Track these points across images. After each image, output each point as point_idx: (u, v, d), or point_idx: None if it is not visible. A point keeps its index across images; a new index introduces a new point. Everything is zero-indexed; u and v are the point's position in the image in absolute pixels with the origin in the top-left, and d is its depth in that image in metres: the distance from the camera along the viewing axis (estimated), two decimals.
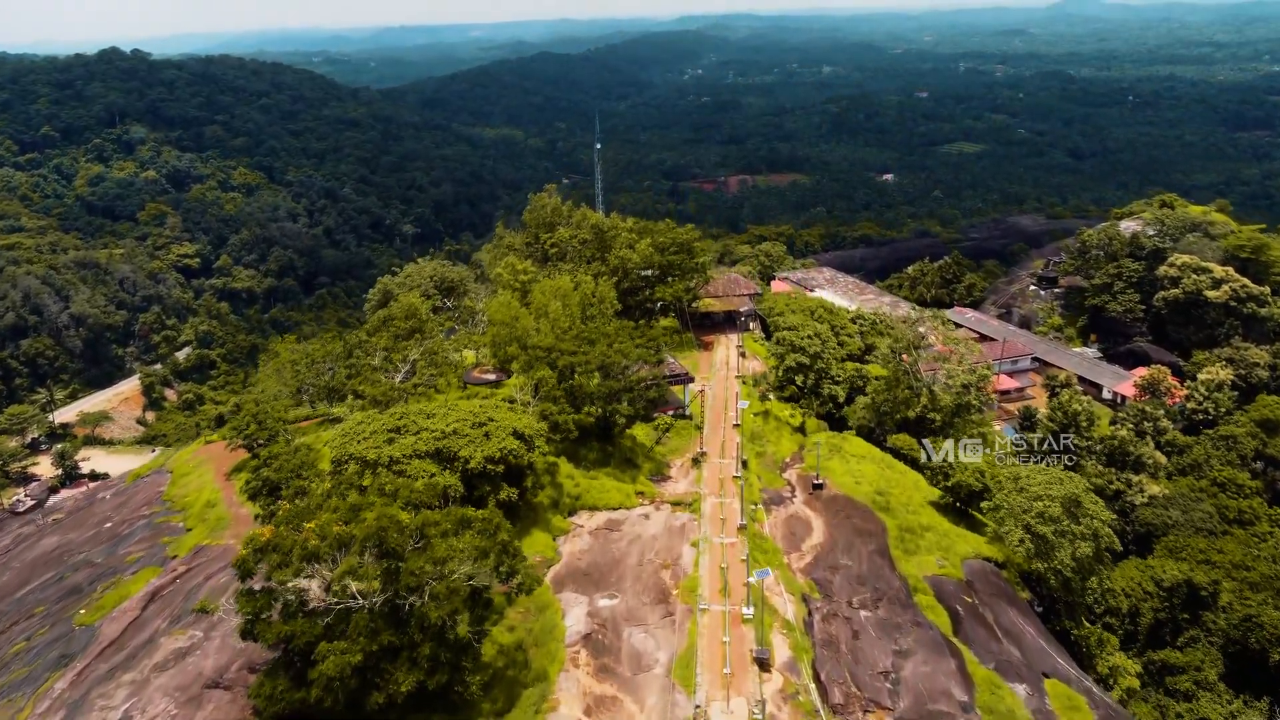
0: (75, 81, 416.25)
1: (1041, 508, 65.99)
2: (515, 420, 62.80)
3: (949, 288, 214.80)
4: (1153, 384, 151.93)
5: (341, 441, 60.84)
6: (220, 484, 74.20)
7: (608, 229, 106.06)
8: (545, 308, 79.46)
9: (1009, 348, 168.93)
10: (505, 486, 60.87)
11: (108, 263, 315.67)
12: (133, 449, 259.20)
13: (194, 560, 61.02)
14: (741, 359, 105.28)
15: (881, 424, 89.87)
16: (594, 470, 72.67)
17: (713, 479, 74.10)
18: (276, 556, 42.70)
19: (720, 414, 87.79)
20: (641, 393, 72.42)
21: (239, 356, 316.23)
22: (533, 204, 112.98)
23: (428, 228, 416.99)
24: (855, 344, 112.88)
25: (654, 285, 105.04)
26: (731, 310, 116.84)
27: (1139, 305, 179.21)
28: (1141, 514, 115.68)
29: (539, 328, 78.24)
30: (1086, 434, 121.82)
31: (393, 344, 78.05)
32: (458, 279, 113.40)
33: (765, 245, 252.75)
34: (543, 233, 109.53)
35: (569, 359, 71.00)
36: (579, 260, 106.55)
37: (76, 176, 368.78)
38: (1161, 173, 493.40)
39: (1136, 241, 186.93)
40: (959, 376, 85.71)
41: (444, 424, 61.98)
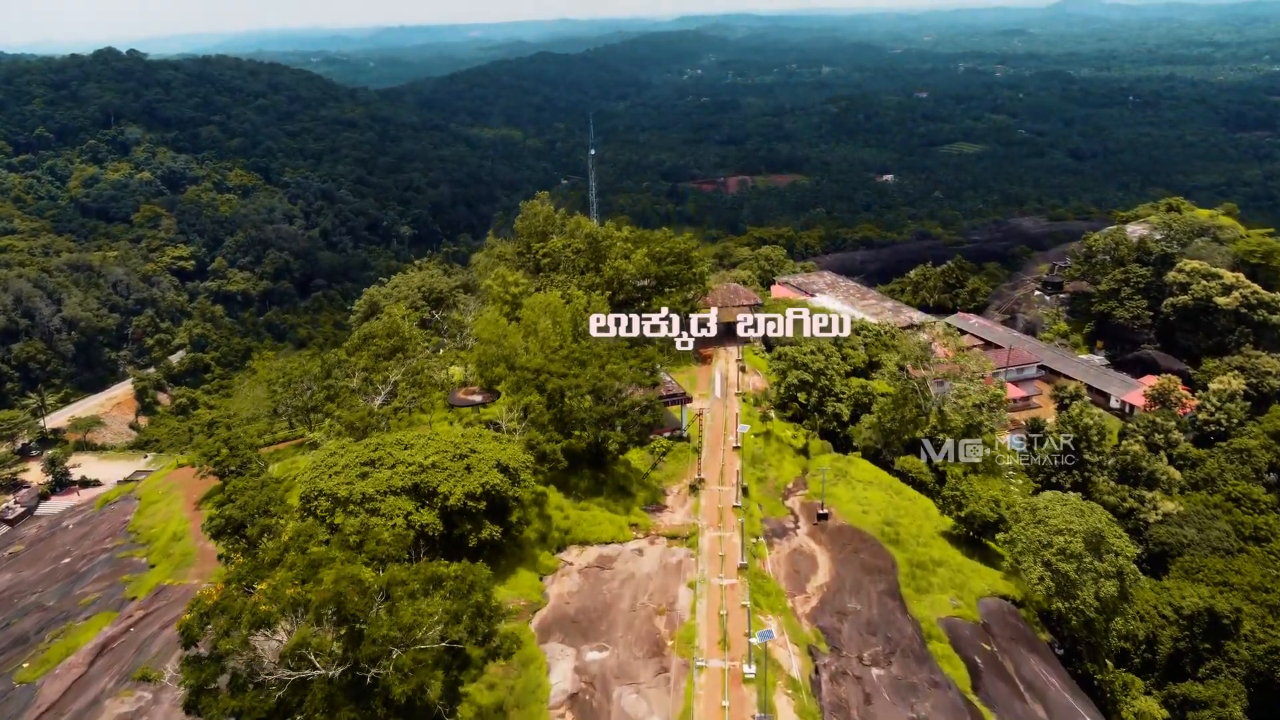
0: (70, 82, 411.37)
1: (1063, 543, 61.41)
2: (499, 451, 58.12)
3: (952, 292, 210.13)
4: (1163, 394, 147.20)
5: (311, 476, 56.20)
6: (189, 514, 69.58)
7: (602, 238, 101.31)
8: (535, 325, 74.79)
9: (1015, 355, 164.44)
10: (488, 524, 56.24)
11: (101, 265, 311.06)
12: (125, 454, 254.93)
13: (152, 604, 56.36)
14: (741, 374, 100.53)
15: (889, 444, 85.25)
16: (585, 500, 68.03)
17: (711, 508, 69.42)
18: (224, 621, 38.08)
19: (720, 435, 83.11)
20: (636, 417, 67.75)
21: (233, 360, 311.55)
22: (525, 211, 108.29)
23: (425, 229, 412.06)
24: (860, 357, 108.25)
25: (650, 297, 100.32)
26: (731, 321, 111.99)
27: (1147, 312, 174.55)
28: (1155, 532, 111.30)
29: (527, 346, 73.61)
30: (1097, 448, 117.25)
31: (373, 364, 73.40)
32: (447, 290, 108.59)
33: (765, 249, 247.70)
34: (535, 242, 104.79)
35: (558, 382, 66.32)
36: (572, 271, 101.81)
37: (71, 178, 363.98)
38: (1162, 173, 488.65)
39: (1144, 246, 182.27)
40: (970, 395, 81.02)
41: (422, 456, 57.31)
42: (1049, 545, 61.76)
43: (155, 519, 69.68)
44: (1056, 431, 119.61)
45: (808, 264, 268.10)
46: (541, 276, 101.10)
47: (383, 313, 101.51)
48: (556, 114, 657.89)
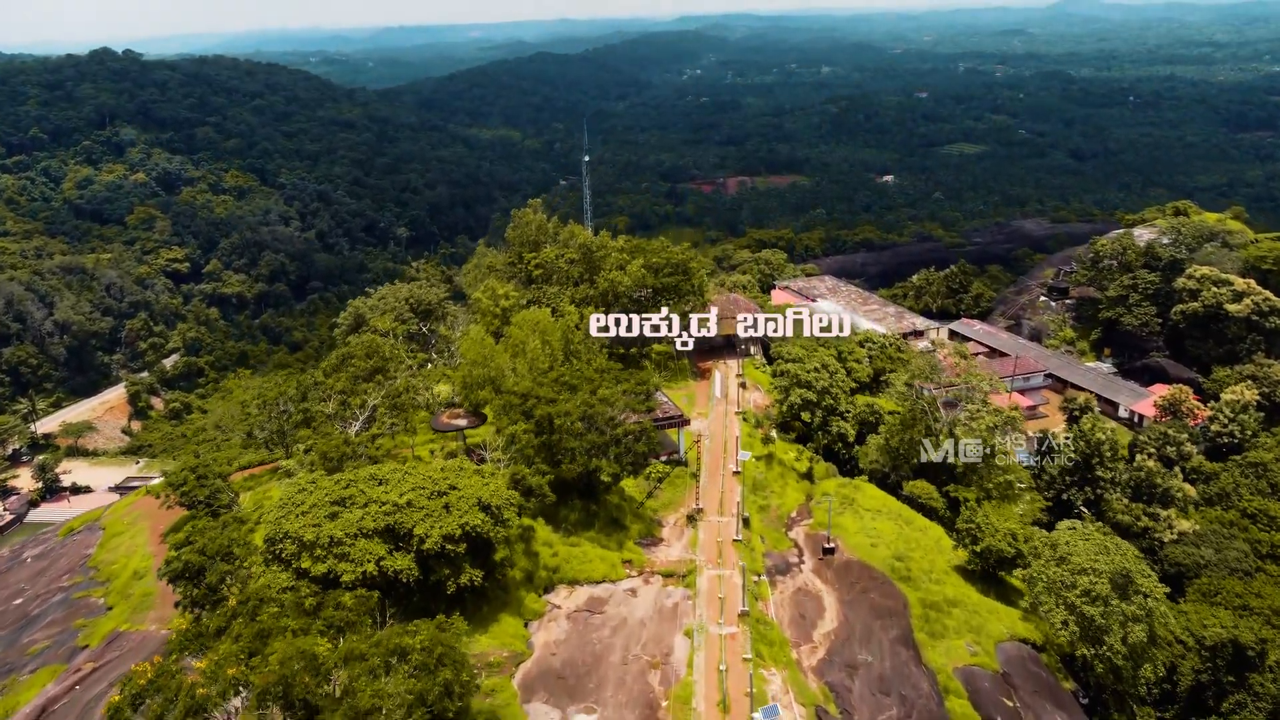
0: (65, 82, 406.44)
1: (1087, 584, 56.76)
2: (481, 488, 53.45)
3: (955, 297, 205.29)
4: (1174, 404, 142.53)
5: (277, 516, 51.58)
6: (153, 548, 64.90)
7: (596, 248, 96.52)
8: (523, 345, 70.11)
9: (1021, 364, 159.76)
10: (468, 568, 51.55)
11: (94, 268, 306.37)
12: (116, 460, 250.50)
13: (104, 654, 51.68)
14: (742, 390, 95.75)
15: (897, 468, 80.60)
16: (575, 534, 63.33)
17: (710, 542, 64.73)
18: (158, 703, 33.50)
19: (719, 459, 78.36)
20: (629, 445, 63.03)
21: (228, 364, 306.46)
22: (516, 220, 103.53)
23: (423, 230, 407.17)
24: (864, 371, 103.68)
25: (646, 309, 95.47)
26: (731, 334, 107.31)
27: (1155, 319, 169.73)
28: (1171, 553, 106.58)
29: (515, 368, 68.92)
30: (1110, 464, 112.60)
31: (351, 387, 68.79)
32: (435, 301, 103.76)
33: (765, 252, 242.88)
34: (526, 252, 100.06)
35: (546, 408, 61.60)
36: (565, 282, 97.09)
37: (65, 179, 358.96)
38: (1164, 174, 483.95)
39: (1152, 251, 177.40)
40: (984, 418, 76.31)
41: (397, 494, 52.62)
42: (1072, 586, 57.15)
43: (118, 553, 65.04)
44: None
45: (808, 266, 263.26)
46: (533, 288, 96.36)
47: (368, 324, 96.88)
48: (556, 114, 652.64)
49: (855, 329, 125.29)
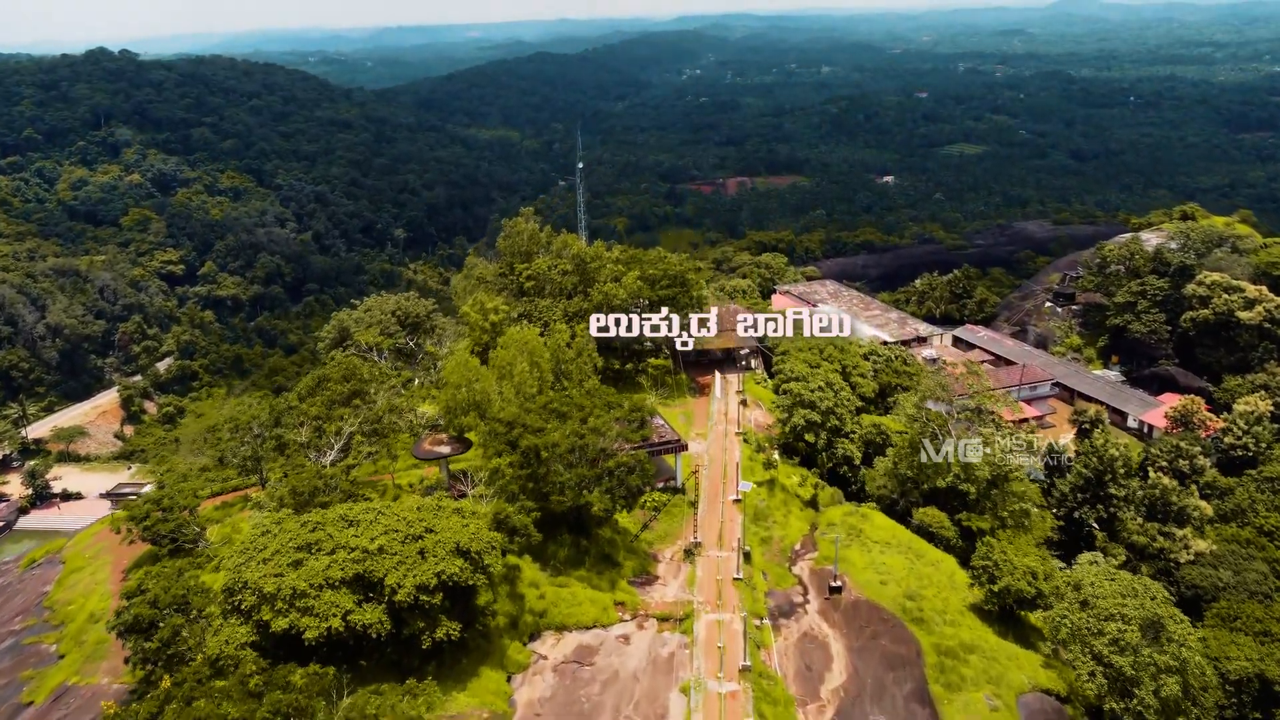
0: (60, 83, 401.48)
1: (1116, 632, 52.23)
2: (459, 531, 48.89)
3: (959, 302, 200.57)
4: (1185, 416, 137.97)
5: (237, 562, 47.06)
6: (114, 585, 60.33)
7: (590, 259, 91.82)
8: (510, 367, 65.51)
9: (1029, 372, 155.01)
10: (444, 620, 47.02)
11: (88, 270, 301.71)
12: (108, 466, 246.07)
13: (50, 712, 47.10)
14: (743, 407, 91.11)
15: (905, 494, 76.04)
16: (564, 572, 58.75)
17: (709, 580, 60.15)
18: None
19: (718, 485, 73.80)
20: (622, 477, 58.46)
21: (222, 367, 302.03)
22: (507, 230, 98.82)
23: (420, 232, 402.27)
24: (869, 386, 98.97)
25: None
26: (731, 348, 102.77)
27: (1165, 326, 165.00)
28: (1187, 574, 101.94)
29: (501, 391, 64.32)
30: (1123, 482, 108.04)
31: (326, 412, 64.22)
32: (424, 313, 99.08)
33: (765, 256, 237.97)
34: (518, 263, 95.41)
35: (533, 439, 57.00)
36: (558, 295, 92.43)
37: (59, 180, 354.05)
38: (1165, 175, 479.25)
39: (1160, 256, 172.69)
40: (998, 443, 71.71)
41: (368, 538, 48.06)
42: (1099, 634, 52.64)
43: (76, 591, 60.52)
44: (1079, 461, 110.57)
45: (809, 269, 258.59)
46: (525, 301, 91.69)
47: (353, 338, 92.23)
48: (555, 114, 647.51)
49: (858, 337, 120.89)
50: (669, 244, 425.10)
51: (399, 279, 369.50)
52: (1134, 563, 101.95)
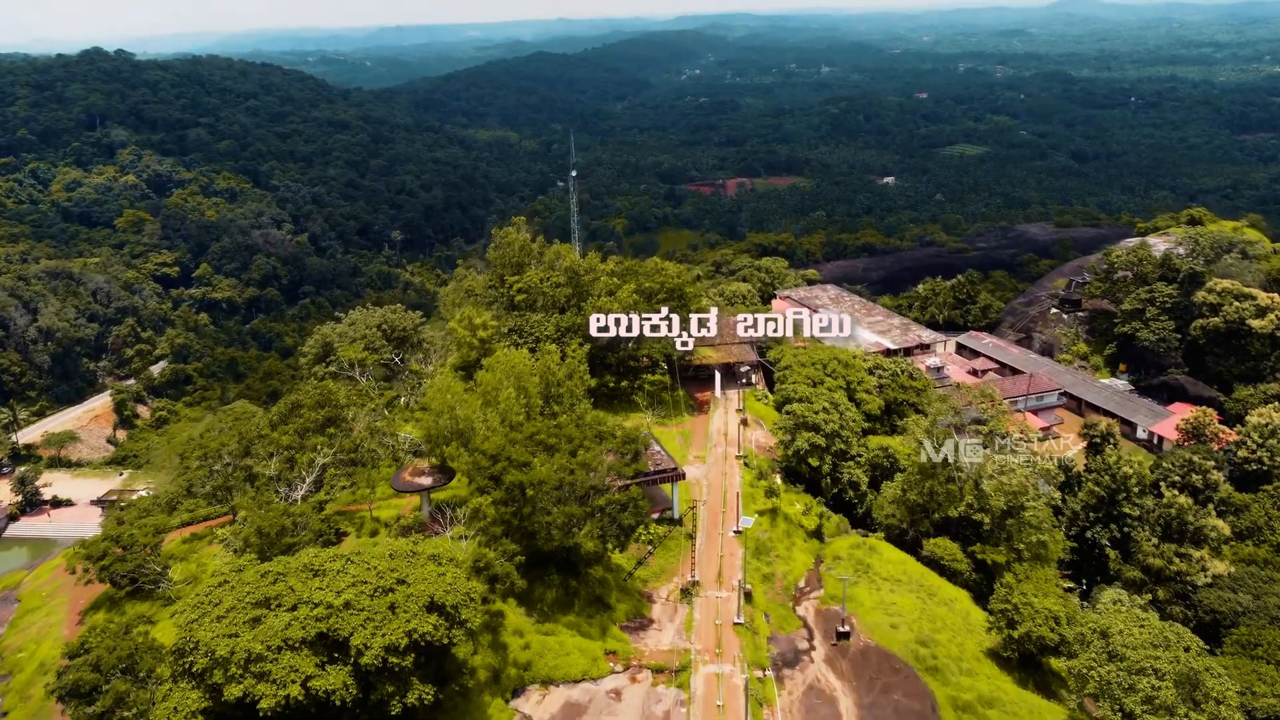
0: (55, 83, 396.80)
1: (1149, 689, 47.82)
2: (434, 583, 44.40)
3: (962, 308, 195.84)
4: (1197, 428, 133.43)
5: (189, 619, 42.59)
6: (69, 630, 55.87)
7: (584, 271, 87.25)
8: (496, 392, 61.02)
9: (1036, 382, 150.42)
10: (416, 684, 42.55)
11: (81, 272, 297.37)
12: (100, 471, 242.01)
13: None
14: (743, 426, 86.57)
15: (915, 523, 71.58)
16: (552, 618, 54.25)
17: (707, 625, 55.68)
18: None
19: (717, 515, 69.31)
20: (614, 514, 54.00)
21: (217, 371, 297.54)
22: (497, 240, 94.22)
23: (417, 233, 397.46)
24: (875, 403, 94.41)
25: (639, 339, 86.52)
26: (731, 362, 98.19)
27: (1174, 334, 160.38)
28: (1205, 598, 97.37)
29: (486, 419, 59.81)
30: (1138, 501, 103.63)
31: (298, 442, 59.74)
32: (411, 327, 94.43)
33: (765, 260, 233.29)
34: (509, 274, 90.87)
35: (518, 475, 52.52)
36: (551, 308, 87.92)
37: (53, 182, 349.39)
38: (1167, 176, 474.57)
39: (1169, 262, 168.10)
40: (1016, 472, 67.16)
41: (333, 591, 43.55)
42: (1131, 689, 48.24)
43: (28, 635, 56.06)
44: (1091, 479, 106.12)
45: (809, 272, 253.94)
46: (515, 315, 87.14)
47: (336, 354, 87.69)
48: (554, 114, 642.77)
49: (862, 349, 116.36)
50: (668, 245, 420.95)
51: (396, 281, 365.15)
52: (1150, 586, 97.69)
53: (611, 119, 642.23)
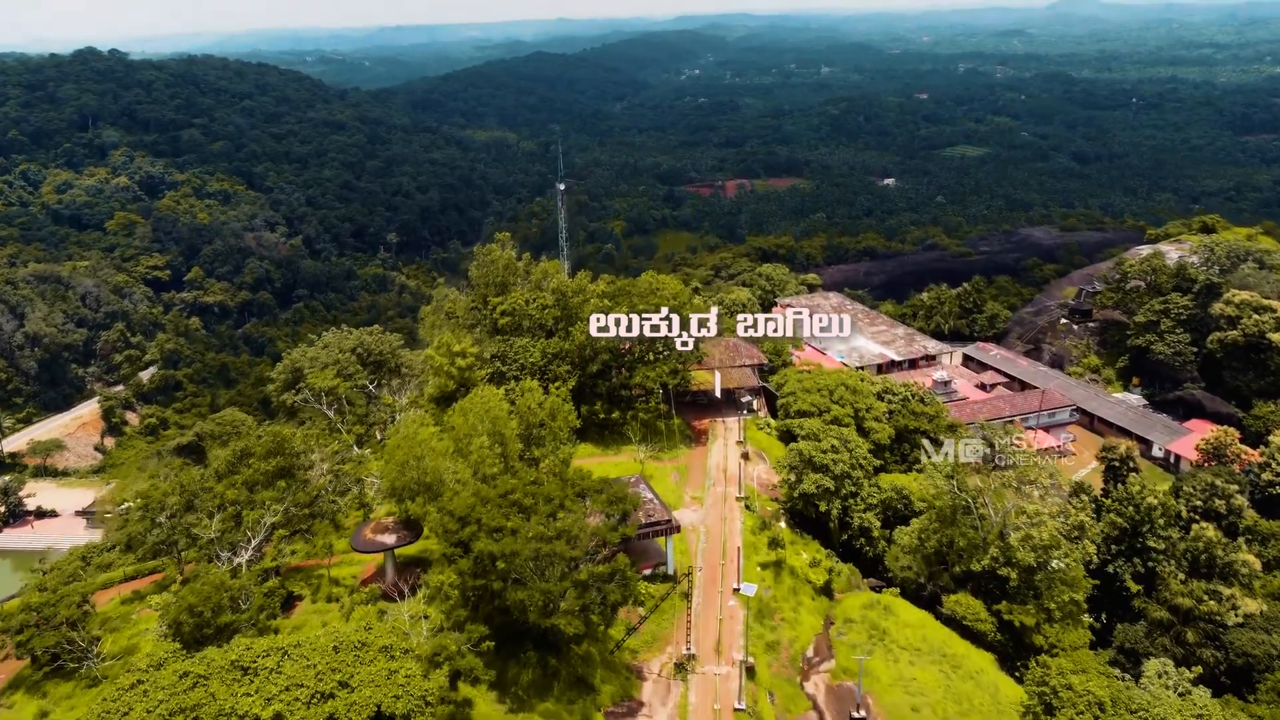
0: (47, 83, 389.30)
1: None
2: (382, 685, 37.38)
3: (968, 317, 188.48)
4: (1218, 449, 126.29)
5: None
6: None
7: (572, 293, 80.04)
8: (469, 440, 53.90)
9: (1049, 398, 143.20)
10: None
11: (70, 276, 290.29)
12: (86, 481, 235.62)
13: None
14: (744, 461, 79.41)
15: (933, 576, 64.51)
16: (527, 705, 47.07)
17: (704, 708, 48.60)
18: None
19: (716, 567, 62.16)
20: (598, 586, 46.92)
21: (208, 376, 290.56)
22: (479, 258, 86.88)
23: (413, 235, 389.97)
24: (885, 432, 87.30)
25: (632, 366, 79.39)
26: (732, 388, 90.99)
27: (1190, 347, 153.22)
28: (1236, 639, 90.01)
29: (456, 471, 52.74)
30: (1163, 533, 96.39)
31: (247, 496, 52.60)
32: (388, 350, 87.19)
33: (766, 267, 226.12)
34: (492, 295, 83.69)
35: (489, 544, 45.44)
36: (537, 332, 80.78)
37: (44, 184, 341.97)
38: (1169, 178, 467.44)
39: (1184, 272, 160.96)
40: (1046, 525, 60.03)
41: (262, 699, 36.47)
42: None
43: None
44: (1112, 509, 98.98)
45: (810, 276, 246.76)
46: (499, 340, 79.98)
47: (306, 382, 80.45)
48: (553, 115, 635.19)
49: (869, 368, 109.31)
50: (666, 247, 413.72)
51: (391, 284, 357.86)
52: (1177, 627, 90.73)
53: (610, 119, 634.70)
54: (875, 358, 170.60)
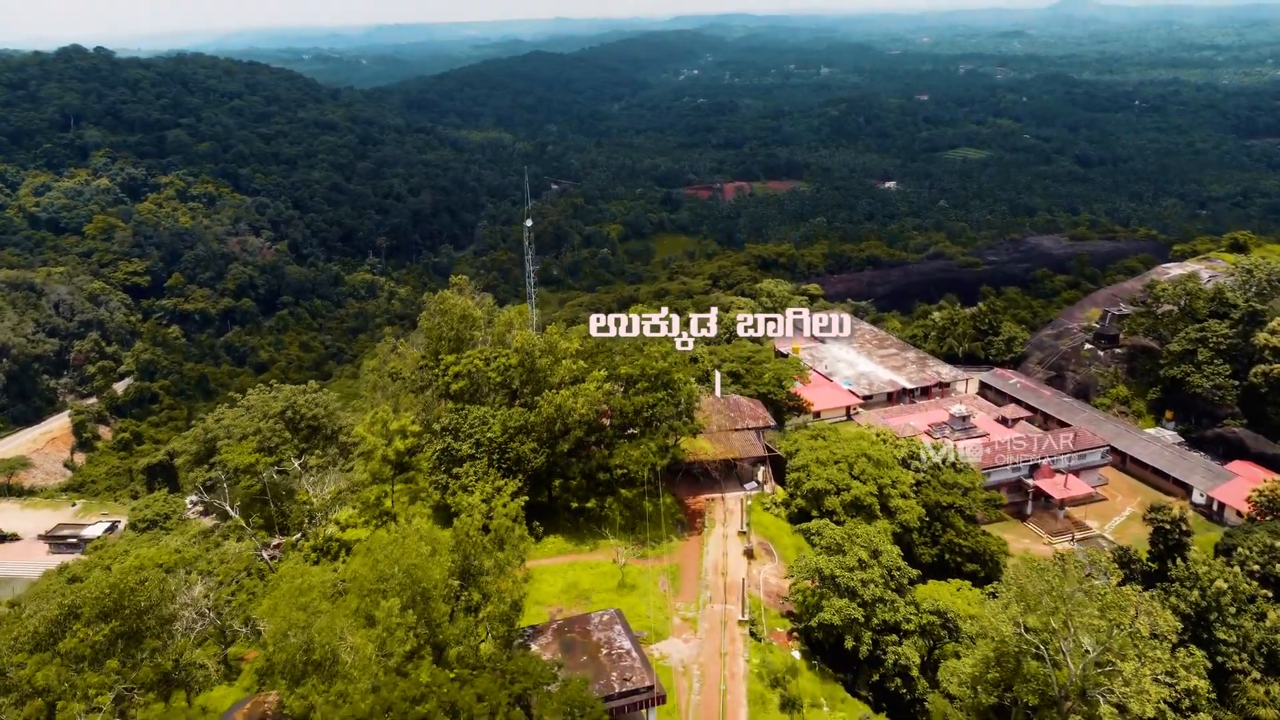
0: (29, 82, 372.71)
1: None
2: None
3: (984, 339, 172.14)
4: (1274, 501, 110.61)
5: None
6: None
7: (541, 353, 64.38)
8: (375, 599, 38.35)
9: (1081, 439, 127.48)
10: None
11: (44, 283, 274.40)
12: (52, 501, 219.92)
13: None
14: (749, 560, 63.88)
15: None
16: None
17: None
18: None
19: None
20: None
21: (185, 388, 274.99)
22: (431, 305, 70.76)
23: (404, 240, 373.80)
24: (914, 512, 71.95)
25: (611, 443, 63.88)
26: (733, 459, 75.44)
27: (1230, 380, 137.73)
28: None
29: (355, 647, 37.28)
30: (1233, 622, 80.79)
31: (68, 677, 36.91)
32: (324, 413, 71.47)
33: (767, 284, 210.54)
34: (445, 352, 67.99)
35: None
36: (497, 397, 65.28)
37: (22, 186, 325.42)
38: (1175, 182, 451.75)
39: (1222, 297, 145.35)
40: (1150, 695, 44.61)
41: None
42: None
43: None
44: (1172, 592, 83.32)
45: (812, 286, 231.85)
46: (451, 410, 64.38)
47: (220, 455, 64.85)
48: (550, 115, 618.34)
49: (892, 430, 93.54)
50: (663, 251, 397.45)
51: (380, 290, 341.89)
52: None
53: (608, 120, 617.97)
54: (885, 385, 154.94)
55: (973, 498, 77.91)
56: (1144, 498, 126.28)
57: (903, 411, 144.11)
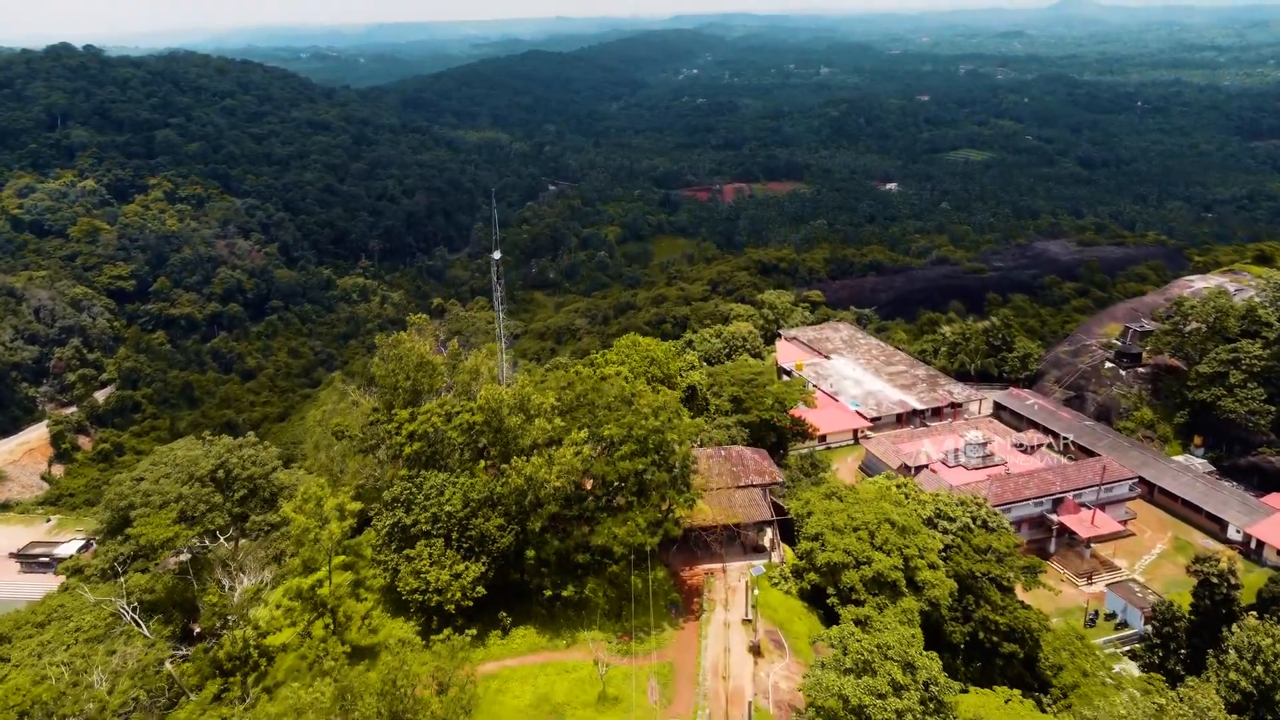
0: (15, 80, 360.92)
1: None
2: None
3: (997, 356, 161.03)
4: None
5: None
6: None
7: (509, 410, 53.40)
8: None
9: (1112, 470, 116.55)
10: None
11: (24, 288, 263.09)
12: (27, 516, 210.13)
13: None
14: (755, 659, 53.09)
15: None
16: None
17: None
18: None
19: None
20: None
21: (169, 396, 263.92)
22: (384, 349, 59.33)
23: (398, 242, 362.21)
24: (945, 586, 61.33)
25: (593, 519, 53.04)
26: (735, 524, 64.52)
27: (1266, 404, 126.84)
28: None
29: None
30: None
31: None
32: (261, 473, 60.31)
33: (768, 294, 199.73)
34: (399, 404, 57.09)
35: None
36: (459, 461, 54.50)
37: (5, 187, 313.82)
38: (1179, 185, 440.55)
39: (1254, 315, 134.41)
40: None
41: None
42: None
43: None
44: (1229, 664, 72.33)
45: (813, 293, 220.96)
46: (404, 478, 53.59)
47: (135, 527, 54.04)
48: (548, 115, 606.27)
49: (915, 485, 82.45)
50: (662, 253, 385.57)
51: (372, 294, 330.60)
52: None
53: (607, 120, 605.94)
54: (894, 405, 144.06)
55: (1009, 564, 67.15)
56: (1174, 532, 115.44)
57: (914, 436, 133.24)
